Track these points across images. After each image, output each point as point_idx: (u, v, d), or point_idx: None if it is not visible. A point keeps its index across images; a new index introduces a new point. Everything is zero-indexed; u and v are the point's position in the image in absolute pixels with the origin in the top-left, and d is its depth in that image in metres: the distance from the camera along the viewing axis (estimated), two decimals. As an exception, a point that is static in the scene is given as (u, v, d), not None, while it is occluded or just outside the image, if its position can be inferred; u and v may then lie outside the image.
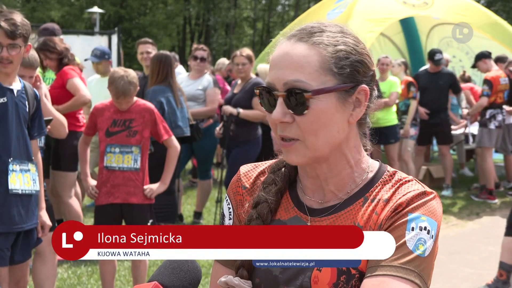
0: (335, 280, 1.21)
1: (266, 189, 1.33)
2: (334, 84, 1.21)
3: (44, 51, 5.32)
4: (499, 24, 9.28)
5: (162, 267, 1.14)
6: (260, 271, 1.29)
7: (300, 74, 1.20)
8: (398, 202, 1.21)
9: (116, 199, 4.02)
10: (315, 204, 1.30)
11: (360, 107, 1.25)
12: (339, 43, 1.23)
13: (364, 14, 8.60)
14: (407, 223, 1.18)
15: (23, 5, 26.58)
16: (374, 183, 1.28)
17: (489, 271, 5.36)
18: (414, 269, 1.15)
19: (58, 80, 5.32)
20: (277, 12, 35.18)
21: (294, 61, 1.21)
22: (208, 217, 7.01)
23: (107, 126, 4.05)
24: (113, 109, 4.08)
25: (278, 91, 1.22)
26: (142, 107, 4.13)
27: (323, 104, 1.20)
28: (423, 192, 1.22)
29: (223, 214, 1.42)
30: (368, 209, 1.24)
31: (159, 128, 4.16)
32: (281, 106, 1.21)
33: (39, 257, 3.89)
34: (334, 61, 1.21)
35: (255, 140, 6.16)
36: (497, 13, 15.36)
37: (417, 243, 1.17)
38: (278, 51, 1.25)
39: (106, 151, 4.03)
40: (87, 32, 13.88)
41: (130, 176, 4.04)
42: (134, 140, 4.07)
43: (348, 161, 1.28)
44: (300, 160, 1.24)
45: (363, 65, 1.25)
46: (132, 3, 27.54)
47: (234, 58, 6.20)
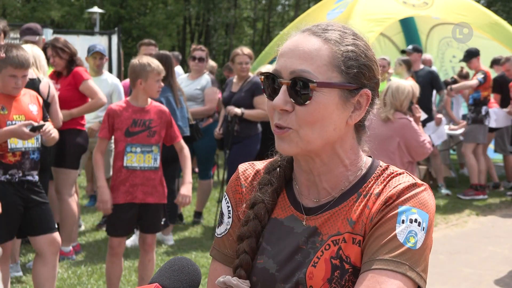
0: (329, 275, 1.22)
1: (262, 189, 1.35)
2: (339, 82, 1.23)
3: (57, 49, 5.30)
4: (499, 24, 9.29)
5: (163, 269, 1.15)
6: (257, 270, 1.30)
7: (308, 65, 1.21)
8: (388, 194, 1.22)
9: (134, 198, 4.06)
10: (311, 203, 1.31)
11: (360, 110, 1.27)
12: (350, 44, 1.25)
13: (364, 14, 8.60)
14: (397, 215, 1.19)
15: (23, 5, 26.60)
16: (367, 178, 1.29)
17: (489, 271, 5.37)
18: (405, 262, 1.15)
19: (69, 80, 5.30)
20: (277, 12, 35.17)
21: (305, 52, 1.22)
22: (208, 217, 7.01)
23: (127, 126, 4.05)
24: (131, 109, 4.09)
25: (283, 78, 1.23)
26: (158, 108, 4.20)
27: (325, 98, 1.22)
28: (413, 184, 1.23)
29: (222, 212, 1.42)
30: (361, 204, 1.25)
31: (173, 130, 4.23)
32: (283, 93, 1.22)
33: (39, 258, 3.89)
34: (343, 59, 1.23)
35: (256, 136, 6.17)
36: (497, 13, 15.38)
37: (408, 236, 1.17)
38: (290, 41, 1.27)
39: (127, 151, 4.03)
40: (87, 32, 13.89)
41: (150, 176, 4.09)
42: (154, 140, 4.11)
43: (342, 160, 1.29)
44: (292, 150, 1.25)
45: (370, 70, 1.27)
46: (132, 3, 27.52)
47: (235, 57, 6.16)
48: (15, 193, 3.72)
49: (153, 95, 4.15)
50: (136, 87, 4.11)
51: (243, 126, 6.05)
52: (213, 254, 1.42)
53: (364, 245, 1.21)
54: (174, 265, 1.15)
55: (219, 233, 1.41)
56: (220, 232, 1.41)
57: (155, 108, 4.17)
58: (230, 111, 5.98)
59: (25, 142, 3.77)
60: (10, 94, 3.77)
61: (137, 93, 4.12)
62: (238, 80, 6.23)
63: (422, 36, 11.11)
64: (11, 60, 3.70)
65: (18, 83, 3.76)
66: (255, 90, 6.04)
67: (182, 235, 6.33)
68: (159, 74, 4.11)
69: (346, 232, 1.23)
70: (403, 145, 4.70)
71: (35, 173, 3.86)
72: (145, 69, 4.07)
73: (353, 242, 1.22)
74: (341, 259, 1.22)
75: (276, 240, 1.31)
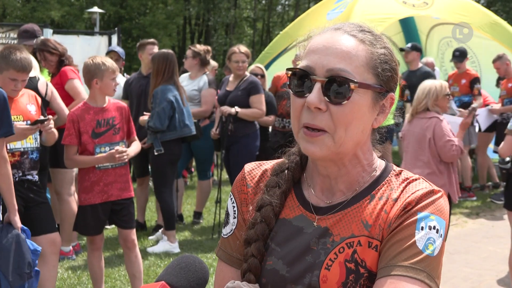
0: (344, 279, 1.20)
1: (270, 191, 1.32)
2: (374, 83, 1.22)
3: (44, 52, 5.32)
4: (499, 24, 9.27)
5: (170, 267, 1.14)
6: (266, 271, 1.28)
7: (347, 65, 1.19)
8: (407, 200, 1.20)
9: (110, 197, 4.11)
10: (321, 203, 1.30)
11: (384, 114, 1.27)
12: (383, 47, 1.25)
13: (364, 14, 8.58)
14: (417, 222, 1.18)
15: (23, 5, 26.59)
16: (380, 181, 1.28)
17: (489, 271, 5.37)
18: (423, 269, 1.15)
19: (57, 80, 5.31)
20: (277, 12, 35.16)
21: (343, 51, 1.20)
22: (208, 217, 7.01)
23: (92, 128, 4.07)
24: (93, 111, 4.10)
25: (317, 76, 1.20)
26: (117, 105, 4.24)
27: (361, 99, 1.20)
28: (431, 190, 1.22)
29: (228, 212, 1.41)
30: (376, 207, 1.24)
31: (131, 126, 4.28)
32: (318, 91, 1.19)
33: (40, 258, 3.87)
34: (379, 61, 1.23)
35: (254, 133, 6.14)
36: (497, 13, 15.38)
37: (427, 243, 1.16)
38: (322, 38, 1.24)
39: (96, 152, 4.06)
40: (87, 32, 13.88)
41: (121, 171, 4.14)
42: (119, 136, 4.16)
43: (360, 161, 1.29)
44: (323, 153, 1.22)
45: (397, 74, 1.27)
46: (132, 3, 27.50)
47: (232, 55, 6.10)
48: (16, 193, 3.71)
49: (109, 93, 4.15)
50: (93, 87, 4.12)
51: (240, 125, 6.01)
52: (219, 254, 1.40)
53: (381, 250, 1.19)
54: (181, 262, 1.14)
55: (225, 233, 1.40)
56: (226, 232, 1.40)
57: (115, 106, 4.20)
58: (224, 110, 5.96)
59: (24, 142, 3.77)
60: (8, 95, 3.76)
61: (94, 93, 4.14)
62: (234, 79, 6.18)
63: (422, 36, 11.10)
64: (14, 63, 3.69)
65: (17, 86, 3.76)
66: (251, 89, 6.00)
67: (182, 235, 6.33)
68: (114, 73, 4.11)
69: (361, 235, 1.22)
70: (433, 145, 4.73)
71: (35, 172, 3.86)
72: (100, 68, 4.08)
73: (369, 246, 1.20)
74: (356, 263, 1.20)
75: (285, 241, 1.29)
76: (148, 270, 5.13)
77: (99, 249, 4.28)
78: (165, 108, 5.37)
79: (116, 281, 4.95)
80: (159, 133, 5.44)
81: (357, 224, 1.23)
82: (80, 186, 4.13)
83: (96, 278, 4.31)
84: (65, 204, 5.27)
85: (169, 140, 5.48)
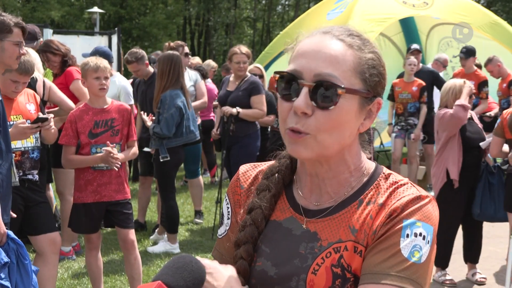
0: (331, 283, 1.20)
1: (260, 195, 1.33)
2: (361, 89, 1.21)
3: (47, 53, 5.32)
4: (499, 24, 9.28)
5: (166, 267, 1.14)
6: (255, 272, 1.29)
7: (335, 70, 1.18)
8: (393, 207, 1.19)
9: (103, 197, 4.10)
10: (311, 205, 1.30)
11: (370, 119, 1.26)
12: (371, 52, 1.24)
13: (364, 14, 8.59)
14: (402, 229, 1.16)
15: (23, 5, 26.60)
16: (369, 185, 1.27)
17: (489, 271, 5.37)
18: (409, 277, 1.14)
19: (61, 80, 5.31)
20: (277, 12, 35.19)
21: (332, 55, 1.19)
22: (208, 217, 7.01)
23: (89, 128, 4.07)
24: (92, 112, 4.10)
25: (305, 80, 1.19)
26: (120, 106, 4.22)
27: (348, 105, 1.20)
28: (418, 196, 1.20)
29: (222, 213, 1.42)
30: (363, 213, 1.23)
31: (131, 128, 4.25)
32: (305, 96, 1.18)
33: (40, 258, 3.89)
34: (367, 66, 1.22)
35: (255, 134, 6.14)
36: (497, 13, 15.39)
37: (412, 250, 1.15)
38: (311, 42, 1.23)
39: (92, 152, 4.06)
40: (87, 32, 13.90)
41: (117, 173, 4.11)
42: (118, 138, 4.15)
43: (348, 166, 1.28)
44: (308, 155, 1.22)
45: (384, 79, 1.26)
46: (132, 3, 27.52)
47: (233, 55, 6.08)
48: (16, 192, 3.70)
49: (95, 93, 4.10)
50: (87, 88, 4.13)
51: (240, 125, 6.00)
52: (213, 254, 1.42)
53: (365, 256, 1.19)
54: (178, 262, 1.14)
55: (220, 234, 1.41)
56: (220, 233, 1.41)
57: (117, 107, 4.18)
58: (225, 111, 5.96)
59: (24, 141, 3.77)
60: (8, 96, 3.77)
61: (90, 94, 4.15)
62: (235, 79, 6.17)
63: (422, 36, 11.11)
64: (18, 65, 3.69)
65: (18, 87, 3.77)
66: (253, 90, 6.00)
67: (182, 235, 6.33)
68: (96, 72, 4.05)
69: (348, 240, 1.21)
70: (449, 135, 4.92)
71: (35, 172, 3.86)
72: (84, 68, 4.09)
73: (355, 251, 1.20)
74: (342, 268, 1.20)
75: (274, 242, 1.29)
76: (148, 271, 5.14)
77: (96, 248, 4.27)
78: (174, 114, 5.32)
79: (116, 281, 4.96)
80: (165, 139, 5.41)
81: (344, 229, 1.23)
82: (75, 184, 4.15)
83: (94, 278, 4.31)
84: (67, 204, 5.27)
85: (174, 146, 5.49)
